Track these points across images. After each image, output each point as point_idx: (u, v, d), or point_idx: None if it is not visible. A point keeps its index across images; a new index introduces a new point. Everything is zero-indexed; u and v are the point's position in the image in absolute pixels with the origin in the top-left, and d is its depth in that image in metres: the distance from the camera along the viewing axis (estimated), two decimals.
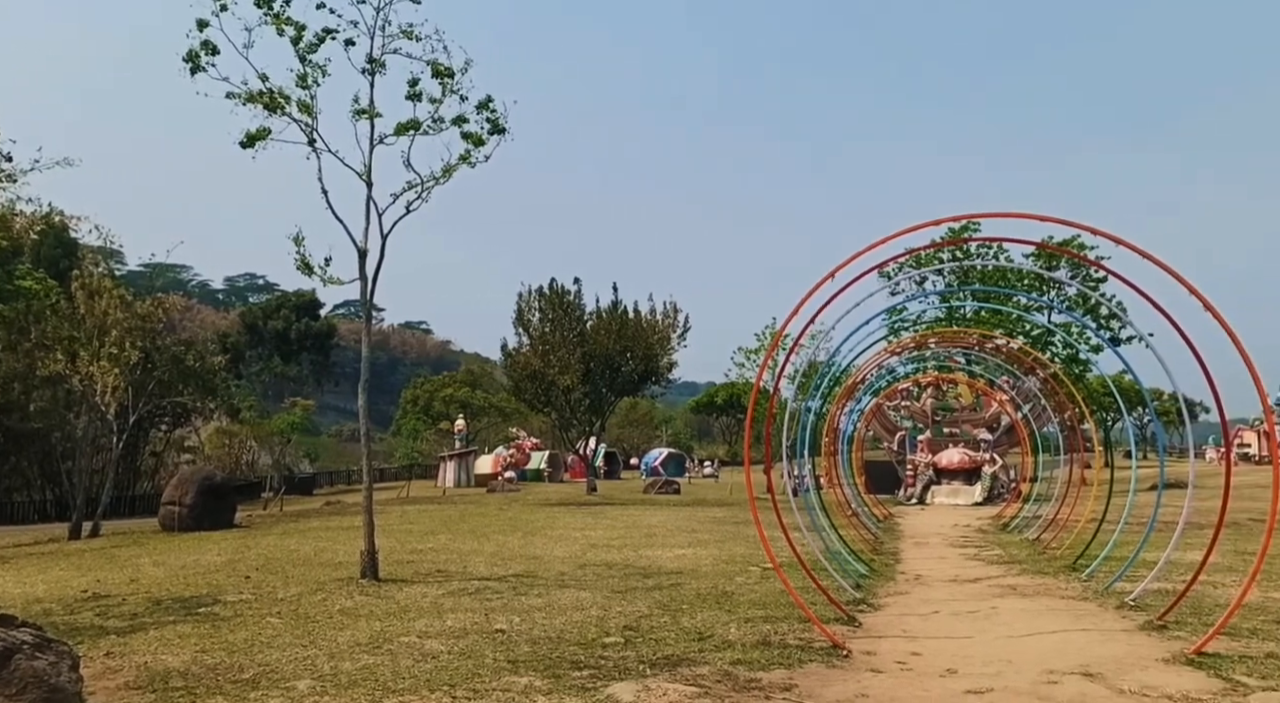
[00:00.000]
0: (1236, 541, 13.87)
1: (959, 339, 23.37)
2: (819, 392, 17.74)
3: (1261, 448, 56.45)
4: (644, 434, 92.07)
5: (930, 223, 7.87)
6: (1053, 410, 22.66)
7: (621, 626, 7.95)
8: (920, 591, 10.27)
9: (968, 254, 28.08)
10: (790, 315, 8.31)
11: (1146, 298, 8.82)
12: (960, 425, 31.74)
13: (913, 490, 30.53)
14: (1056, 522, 16.30)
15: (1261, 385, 7.16)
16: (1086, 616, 8.46)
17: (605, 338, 35.13)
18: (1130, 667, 6.33)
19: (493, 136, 11.81)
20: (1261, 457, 54.99)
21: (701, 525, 19.50)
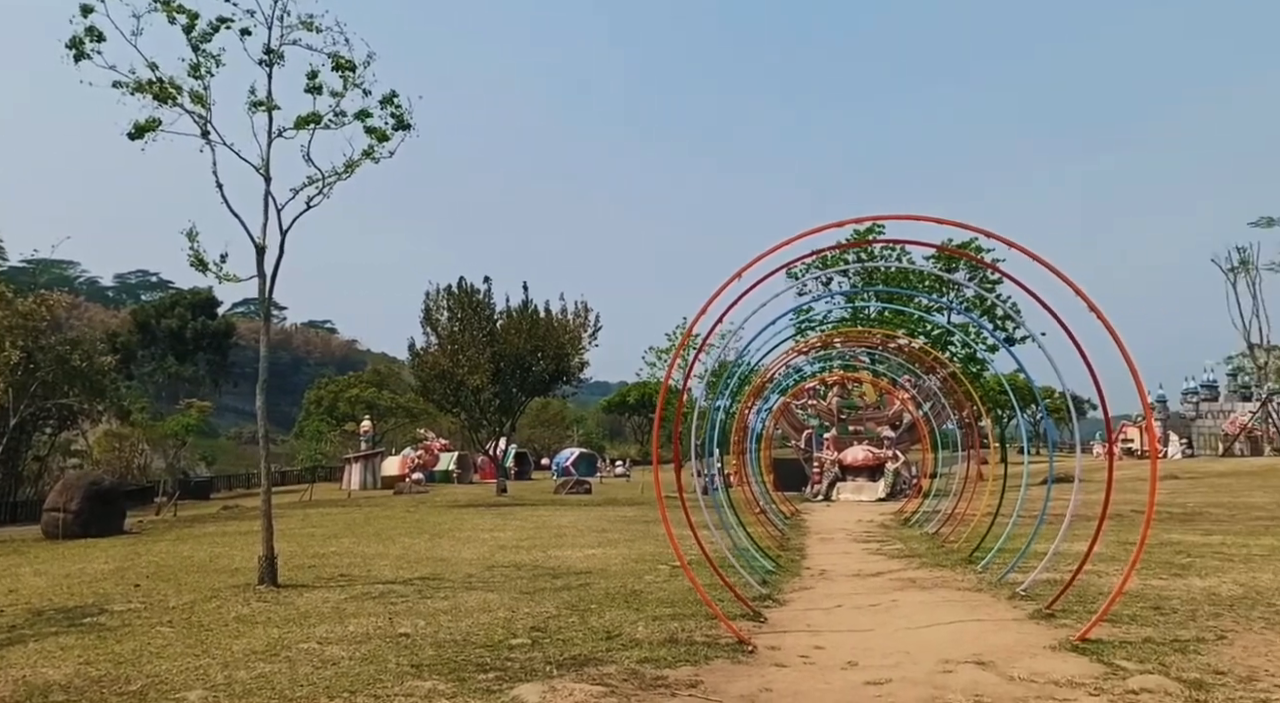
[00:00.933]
0: (1120, 531, 14.54)
1: (863, 339, 23.94)
2: (728, 390, 17.96)
3: (1144, 443, 59.48)
4: (555, 434, 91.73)
5: (833, 224, 8.02)
6: (951, 408, 23.42)
7: (529, 627, 7.89)
8: (824, 585, 10.47)
9: (872, 256, 28.81)
10: (698, 315, 8.37)
11: (1037, 299, 9.19)
12: (864, 423, 32.53)
13: (819, 487, 31.16)
14: (955, 516, 16.83)
15: (1141, 384, 7.52)
16: (981, 606, 8.75)
17: (516, 337, 34.86)
18: (1020, 655, 6.56)
19: (398, 132, 11.58)
20: (1143, 451, 57.95)
21: (612, 525, 19.51)
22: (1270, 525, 16.48)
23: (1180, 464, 49.22)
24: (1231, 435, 64.50)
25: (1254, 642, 6.74)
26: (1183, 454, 62.77)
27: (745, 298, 8.68)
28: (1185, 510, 20.77)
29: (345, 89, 11.38)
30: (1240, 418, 65.15)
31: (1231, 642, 6.77)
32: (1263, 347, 61.20)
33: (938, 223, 8.09)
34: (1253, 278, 58.40)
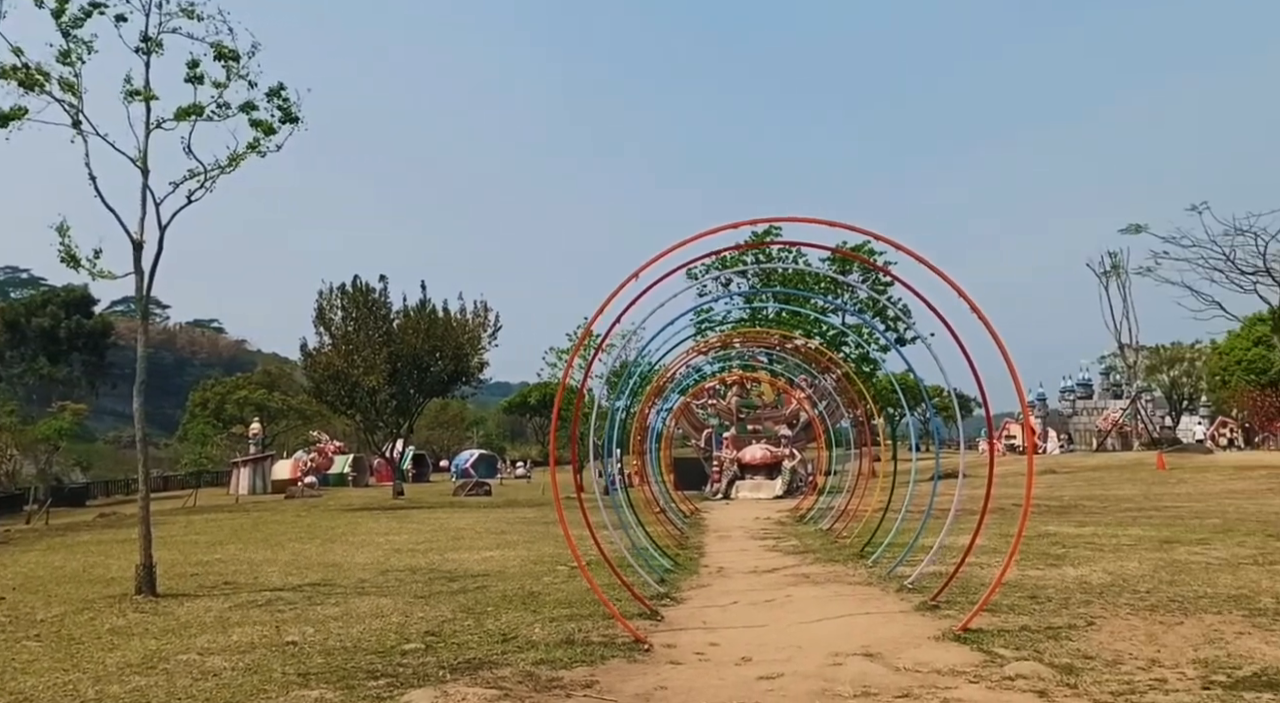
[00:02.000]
0: (1002, 524, 15.15)
1: (761, 339, 24.37)
2: (628, 390, 18.02)
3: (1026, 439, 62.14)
4: (455, 436, 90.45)
5: (729, 225, 8.12)
6: (845, 407, 24.03)
7: (423, 631, 7.74)
8: (721, 582, 10.59)
9: (769, 257, 29.35)
10: (595, 314, 8.36)
11: (924, 301, 9.50)
12: (763, 422, 33.11)
13: (719, 486, 31.56)
14: (848, 512, 17.28)
15: (1019, 382, 7.86)
16: (871, 600, 8.99)
17: (413, 337, 34.25)
18: (906, 646, 6.77)
19: (285, 125, 11.21)
20: (1024, 446, 60.46)
21: (511, 527, 19.34)
22: (1137, 517, 17.43)
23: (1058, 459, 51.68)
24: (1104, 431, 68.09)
25: (1120, 627, 7.11)
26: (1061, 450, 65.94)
27: (644, 298, 8.73)
28: (1062, 504, 21.82)
29: (229, 80, 10.96)
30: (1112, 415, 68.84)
31: (1100, 628, 7.12)
32: (1132, 347, 64.67)
33: (829, 225, 8.27)
34: (1123, 281, 61.58)
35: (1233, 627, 6.99)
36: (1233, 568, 10.08)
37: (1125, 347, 64.75)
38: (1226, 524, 15.22)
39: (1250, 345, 59.41)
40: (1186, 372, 71.64)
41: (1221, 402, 65.25)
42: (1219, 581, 9.21)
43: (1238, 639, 6.58)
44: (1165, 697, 5.20)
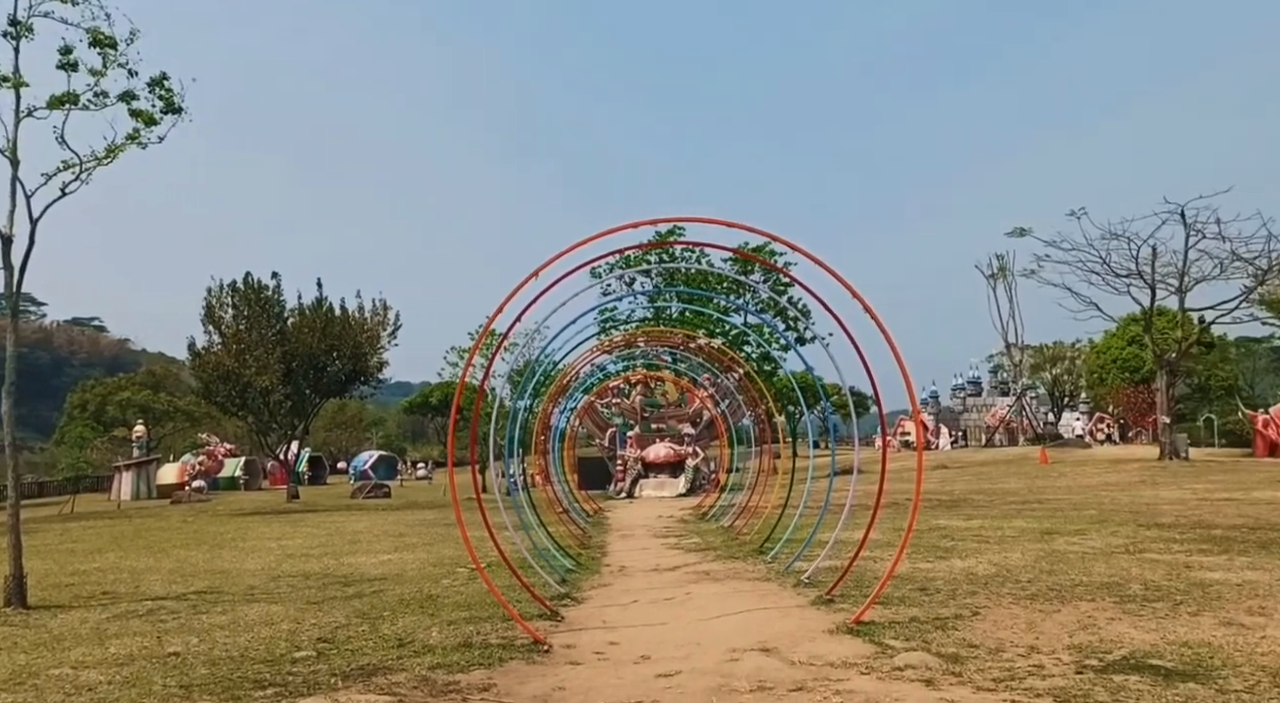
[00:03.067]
0: (895, 519, 15.60)
1: (665, 338, 24.52)
2: (531, 390, 17.89)
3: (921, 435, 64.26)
4: (353, 437, 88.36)
5: (629, 225, 8.12)
6: (747, 406, 24.38)
7: (314, 638, 7.52)
8: (623, 581, 10.61)
9: (673, 257, 29.55)
10: (495, 313, 8.26)
11: (821, 303, 9.69)
12: (666, 421, 33.34)
13: (622, 485, 31.64)
14: (748, 509, 17.53)
15: (910, 381, 8.09)
16: (769, 595, 9.14)
17: (309, 336, 33.30)
18: (801, 639, 6.90)
19: (168, 116, 10.74)
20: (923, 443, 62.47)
21: (410, 529, 19.00)
22: (1021, 509, 18.20)
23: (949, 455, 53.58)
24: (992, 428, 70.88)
25: (1003, 616, 7.40)
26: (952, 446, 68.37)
27: (546, 296, 8.67)
28: (952, 498, 22.61)
29: (106, 68, 10.42)
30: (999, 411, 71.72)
31: (984, 617, 7.40)
32: (1018, 346, 67.54)
33: (728, 226, 8.37)
34: (1009, 283, 64.28)
35: (1105, 613, 7.36)
36: (1106, 557, 10.60)
37: (1011, 346, 67.60)
38: (1102, 515, 16.02)
39: (1125, 345, 62.69)
40: (1067, 370, 75.15)
41: (1099, 398, 68.69)
42: (1094, 569, 9.68)
43: (1109, 625, 6.92)
44: (1042, 682, 5.43)
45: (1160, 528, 13.60)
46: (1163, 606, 7.58)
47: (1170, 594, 8.07)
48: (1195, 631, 6.62)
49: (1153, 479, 26.92)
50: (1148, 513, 16.13)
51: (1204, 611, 7.32)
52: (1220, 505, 17.21)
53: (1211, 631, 6.61)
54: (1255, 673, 5.44)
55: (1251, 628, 6.65)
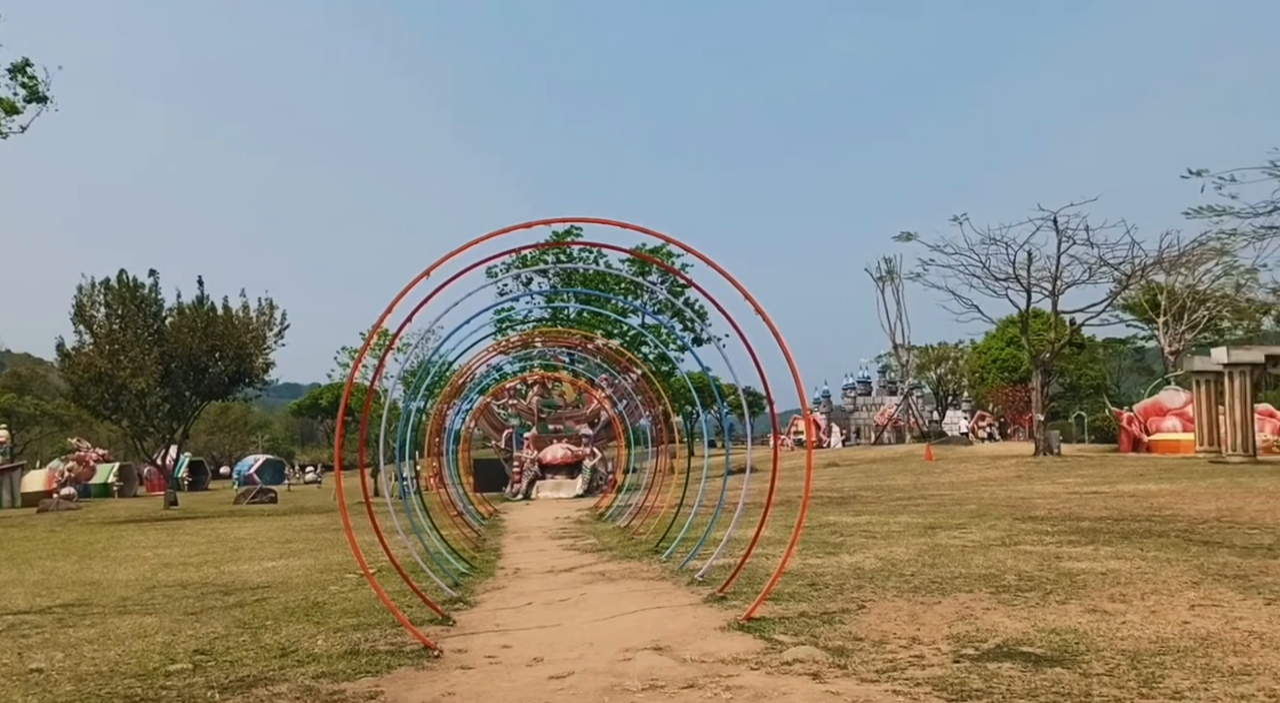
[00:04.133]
0: (788, 516, 15.92)
1: (563, 339, 24.44)
2: (424, 390, 17.56)
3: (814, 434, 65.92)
4: (237, 440, 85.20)
5: (522, 225, 8.05)
6: (644, 406, 24.52)
7: (191, 650, 7.20)
8: (517, 584, 10.52)
9: (570, 257, 29.50)
10: (385, 312, 8.07)
11: (715, 305, 9.83)
12: (564, 422, 33.23)
13: (519, 486, 31.39)
14: (645, 509, 17.62)
15: (799, 381, 8.27)
16: (663, 594, 9.20)
17: (189, 336, 31.93)
18: (693, 637, 6.96)
19: (31, 104, 10.15)
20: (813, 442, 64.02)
21: (297, 535, 18.41)
22: (907, 505, 18.82)
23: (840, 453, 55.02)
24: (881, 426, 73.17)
25: (887, 609, 7.63)
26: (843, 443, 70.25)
27: (441, 296, 8.52)
28: (842, 494, 23.22)
29: None
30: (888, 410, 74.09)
31: (870, 610, 7.61)
32: (905, 347, 69.85)
33: (623, 227, 8.39)
34: (897, 286, 66.44)
35: (982, 604, 7.67)
36: (984, 550, 11.06)
37: (899, 347, 69.90)
38: (981, 509, 16.70)
39: (1004, 346, 65.60)
40: (951, 370, 78.19)
41: (980, 397, 71.70)
42: (972, 562, 10.08)
43: (985, 615, 7.22)
44: (922, 672, 5.62)
45: (1034, 521, 14.26)
46: (1034, 595, 7.94)
47: (1041, 584, 8.46)
48: (1063, 618, 6.96)
49: (1028, 474, 28.24)
50: (1023, 507, 16.89)
51: (1071, 599, 7.71)
52: (1088, 499, 18.17)
53: (1077, 618, 6.96)
54: (1115, 657, 5.75)
55: (1113, 614, 7.03)
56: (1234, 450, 27.90)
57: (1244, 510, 14.52)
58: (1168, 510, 15.02)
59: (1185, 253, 40.38)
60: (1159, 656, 5.73)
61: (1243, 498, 16.61)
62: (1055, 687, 5.13)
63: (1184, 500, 16.68)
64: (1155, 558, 9.81)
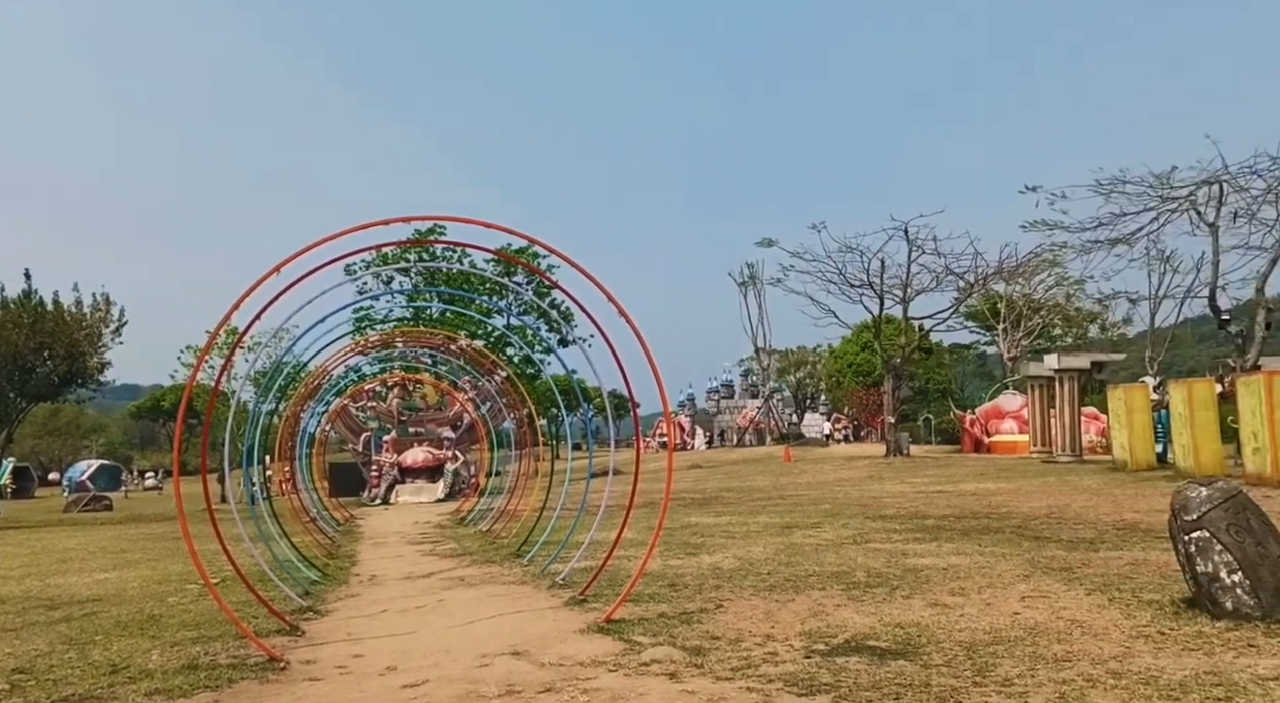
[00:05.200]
0: (650, 518, 16.06)
1: (425, 340, 23.94)
2: (274, 391, 16.83)
3: (678, 436, 66.79)
4: (68, 444, 79.64)
5: (380, 222, 7.82)
6: (508, 408, 24.28)
7: (9, 669, 6.66)
8: (372, 591, 10.21)
9: (433, 256, 28.93)
10: (231, 309, 7.68)
11: (580, 307, 9.81)
12: (425, 424, 32.56)
13: (377, 491, 30.56)
14: (508, 512, 17.44)
15: (661, 383, 8.35)
16: (523, 598, 9.11)
17: (14, 333, 29.64)
18: (552, 641, 6.92)
19: None
20: (678, 443, 64.99)
21: (134, 544, 17.35)
22: (766, 505, 19.30)
23: (703, 454, 55.98)
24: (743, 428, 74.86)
25: (744, 608, 7.79)
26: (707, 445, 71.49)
27: (295, 293, 8.19)
28: (704, 495, 23.62)
29: None
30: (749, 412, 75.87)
31: (727, 609, 7.75)
32: (766, 350, 71.74)
33: (485, 227, 8.27)
34: (759, 291, 68.15)
35: (833, 600, 7.93)
36: (837, 548, 11.45)
37: (760, 350, 71.73)
38: (835, 509, 17.30)
39: (859, 350, 68.30)
40: (809, 373, 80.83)
41: (837, 400, 74.39)
42: (825, 559, 10.42)
43: (836, 611, 7.47)
44: (775, 668, 5.75)
45: (884, 519, 14.87)
46: (882, 591, 8.27)
47: (888, 580, 8.82)
48: (907, 612, 7.27)
49: (879, 474, 29.45)
50: (874, 506, 17.60)
51: (915, 594, 8.06)
52: (934, 497, 19.09)
53: (920, 611, 7.29)
54: (953, 648, 6.05)
55: (953, 607, 7.40)
56: (1063, 451, 29.88)
57: (1070, 507, 15.56)
58: (1004, 508, 15.93)
59: (1022, 264, 43.02)
60: (992, 646, 6.06)
61: (1070, 495, 17.80)
62: (898, 679, 5.34)
63: (1018, 498, 17.74)
64: (991, 553, 10.39)
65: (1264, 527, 6.55)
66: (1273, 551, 6.45)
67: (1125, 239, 30.14)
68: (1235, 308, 30.56)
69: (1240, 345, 25.83)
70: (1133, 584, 7.96)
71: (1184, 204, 27.74)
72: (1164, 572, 8.30)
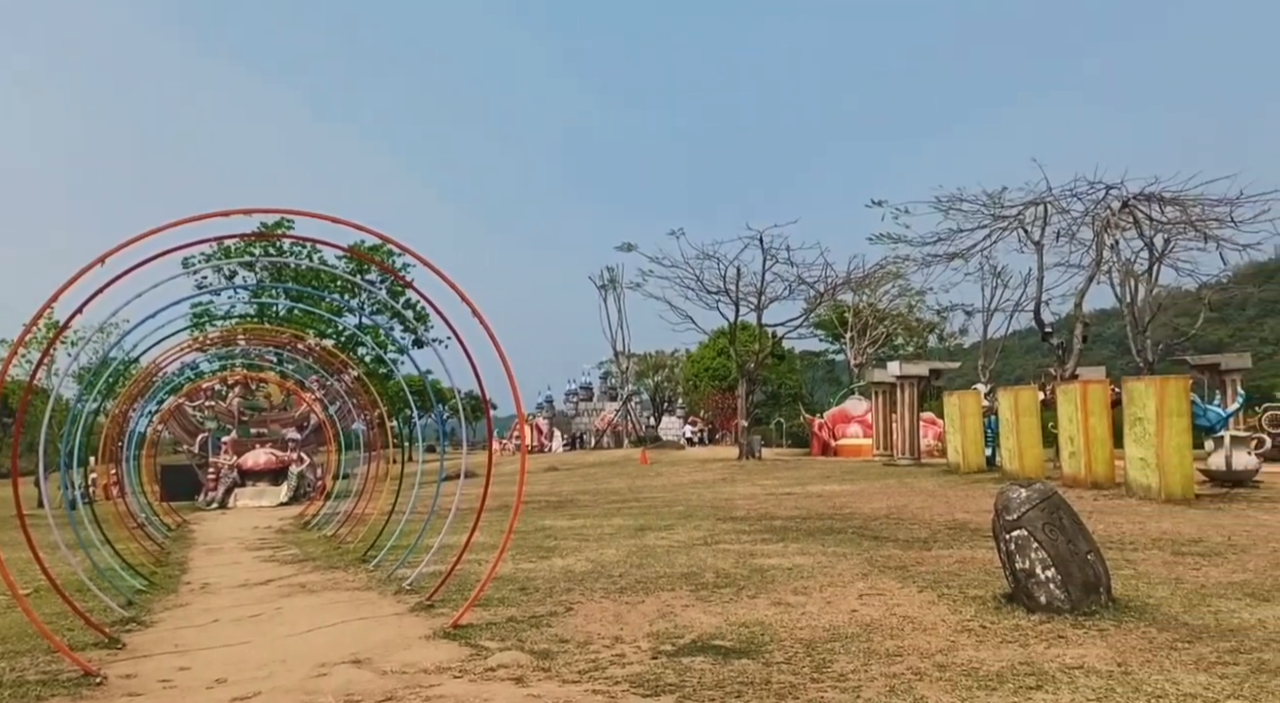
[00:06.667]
0: (502, 521, 15.85)
1: (270, 337, 22.93)
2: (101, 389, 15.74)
3: (536, 439, 66.46)
4: None
5: (219, 213, 7.42)
6: (358, 410, 23.55)
7: None
8: (203, 600, 9.68)
9: (281, 251, 27.74)
10: (49, 301, 7.14)
11: (434, 309, 9.63)
12: (269, 425, 31.16)
13: (214, 494, 29.00)
14: (355, 516, 16.88)
15: (516, 387, 8.29)
16: (367, 605, 8.83)
17: None
18: (396, 648, 6.74)
19: None
20: (532, 446, 64.61)
21: None
22: (621, 508, 19.42)
23: (561, 457, 55.88)
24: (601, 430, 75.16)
25: (594, 610, 7.80)
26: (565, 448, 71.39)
27: (125, 285, 7.70)
28: (560, 498, 23.54)
29: None
30: (608, 415, 76.26)
31: (576, 612, 7.74)
32: (625, 354, 72.32)
33: (334, 222, 7.97)
34: (619, 294, 68.64)
35: (682, 601, 8.04)
36: (688, 549, 11.62)
37: (619, 354, 72.25)
38: (688, 511, 17.57)
39: (715, 355, 69.78)
40: (667, 377, 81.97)
41: (694, 403, 75.72)
42: (676, 561, 10.56)
43: (684, 611, 7.58)
44: (622, 670, 5.78)
45: (734, 521, 15.20)
46: (729, 591, 8.45)
47: (736, 580, 9.02)
48: (752, 612, 7.46)
49: (732, 477, 30.13)
50: (725, 508, 17.98)
51: (761, 593, 8.28)
52: (782, 499, 19.68)
53: (765, 611, 7.48)
54: (794, 645, 6.24)
55: (795, 606, 7.63)
56: (904, 454, 31.39)
57: (908, 508, 16.35)
58: (847, 509, 16.58)
59: (868, 275, 44.95)
60: (830, 643, 6.28)
61: (908, 497, 18.70)
62: (740, 677, 5.46)
63: (861, 500, 18.50)
64: (834, 553, 10.78)
65: (1075, 526, 7.06)
66: (1082, 548, 6.95)
67: (961, 253, 31.90)
68: (1057, 321, 32.89)
69: (1061, 356, 27.73)
70: (960, 581, 8.42)
71: (1013, 223, 29.60)
72: (988, 569, 8.81)
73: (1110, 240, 29.52)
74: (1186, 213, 27.91)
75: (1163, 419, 15.29)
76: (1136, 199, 27.72)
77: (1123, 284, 35.76)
